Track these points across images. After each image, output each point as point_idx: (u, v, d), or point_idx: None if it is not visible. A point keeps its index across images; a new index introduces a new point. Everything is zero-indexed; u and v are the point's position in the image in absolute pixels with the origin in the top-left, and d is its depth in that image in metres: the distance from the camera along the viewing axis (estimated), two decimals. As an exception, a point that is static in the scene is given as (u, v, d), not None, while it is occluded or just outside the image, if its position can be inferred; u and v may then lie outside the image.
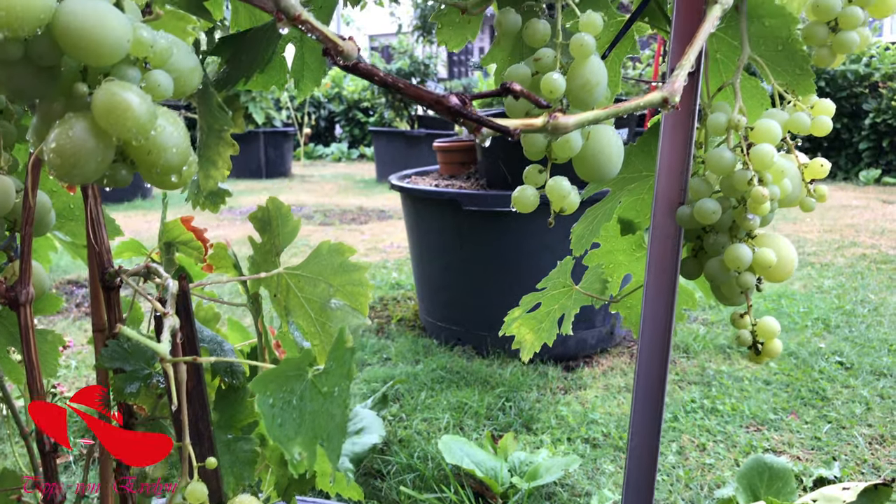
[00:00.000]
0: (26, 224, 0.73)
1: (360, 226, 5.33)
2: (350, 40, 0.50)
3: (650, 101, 0.56)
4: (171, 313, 0.57)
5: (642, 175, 0.77)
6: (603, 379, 2.36)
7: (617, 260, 0.85)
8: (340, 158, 10.62)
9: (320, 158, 10.82)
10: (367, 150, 10.65)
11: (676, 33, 0.69)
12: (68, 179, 0.50)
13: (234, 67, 0.75)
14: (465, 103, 0.53)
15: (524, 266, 2.43)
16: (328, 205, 6.28)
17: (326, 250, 0.72)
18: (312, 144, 11.20)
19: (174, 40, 0.55)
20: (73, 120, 0.49)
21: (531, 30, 0.66)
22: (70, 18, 0.46)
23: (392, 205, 6.18)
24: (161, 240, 0.86)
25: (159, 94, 0.52)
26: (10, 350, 1.02)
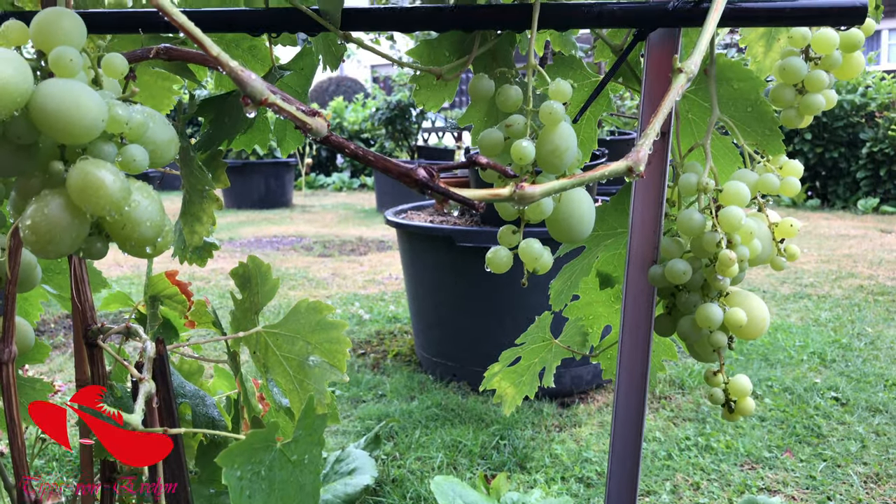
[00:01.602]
0: (10, 283, 0.74)
1: (360, 257, 5.34)
2: (318, 117, 0.52)
3: (615, 171, 0.57)
4: (147, 378, 0.58)
5: (617, 232, 0.78)
6: (598, 416, 2.35)
7: (597, 312, 0.86)
8: (342, 188, 10.67)
9: (322, 188, 10.87)
10: (368, 180, 10.70)
11: (646, 95, 0.70)
12: (44, 255, 0.51)
13: (217, 128, 0.77)
14: (433, 176, 0.54)
15: (519, 303, 2.44)
16: (328, 235, 6.31)
17: (304, 308, 0.73)
18: (314, 174, 11.26)
19: (150, 113, 0.56)
20: (49, 197, 0.50)
21: (503, 96, 0.67)
22: (46, 101, 0.48)
23: (392, 235, 6.20)
24: (146, 293, 0.87)
25: (134, 169, 0.53)
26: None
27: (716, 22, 0.62)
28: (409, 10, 0.70)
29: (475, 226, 2.58)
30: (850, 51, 0.71)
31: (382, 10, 0.71)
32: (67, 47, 0.50)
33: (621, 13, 0.67)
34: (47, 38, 0.50)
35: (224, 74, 0.84)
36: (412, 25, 0.70)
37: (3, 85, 0.46)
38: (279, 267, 4.79)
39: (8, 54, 0.48)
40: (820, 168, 7.43)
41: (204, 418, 0.77)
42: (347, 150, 0.54)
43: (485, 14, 0.69)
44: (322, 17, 0.70)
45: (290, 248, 5.69)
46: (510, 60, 0.74)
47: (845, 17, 0.64)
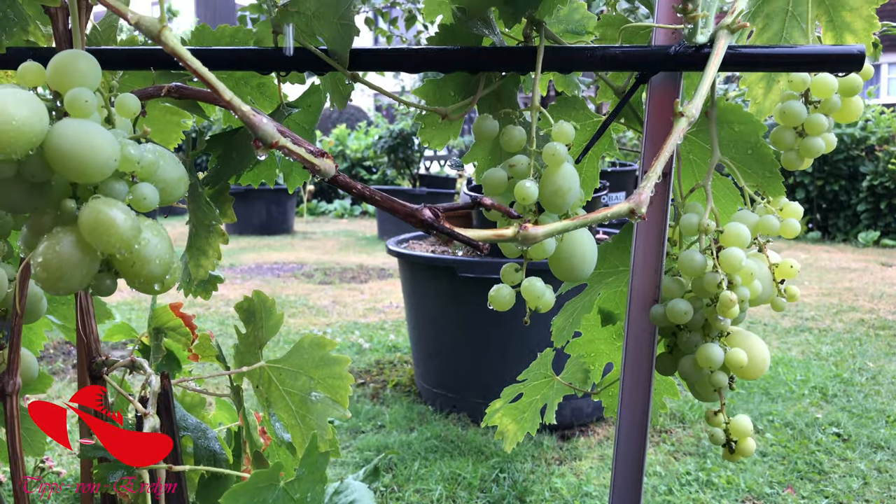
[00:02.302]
0: (17, 316, 0.75)
1: (360, 284, 5.34)
2: (327, 158, 0.53)
3: (618, 212, 0.58)
4: (152, 413, 0.59)
5: (619, 270, 0.79)
6: (598, 449, 2.34)
7: (598, 349, 0.86)
8: (343, 215, 10.70)
9: (323, 214, 10.91)
10: (369, 208, 10.73)
11: (648, 136, 0.71)
12: (54, 291, 0.52)
13: (225, 164, 0.78)
14: (438, 217, 0.55)
15: (520, 335, 2.44)
16: (329, 262, 6.31)
17: (308, 344, 0.74)
18: (315, 201, 11.30)
19: (161, 152, 0.57)
20: (61, 235, 0.51)
21: (507, 136, 0.68)
22: (61, 141, 0.49)
23: (392, 263, 6.20)
24: (150, 325, 0.88)
25: (145, 207, 0.54)
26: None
27: (716, 67, 0.63)
28: (416, 51, 0.72)
29: (477, 256, 2.59)
30: (850, 95, 0.72)
31: (390, 51, 0.72)
32: (83, 89, 0.51)
33: (624, 57, 0.69)
34: (63, 80, 0.51)
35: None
36: (419, 67, 0.72)
37: (19, 126, 0.47)
38: (280, 294, 4.79)
39: (25, 95, 0.49)
40: (820, 200, 7.46)
41: (205, 452, 0.77)
42: (355, 190, 0.55)
43: (490, 56, 0.70)
44: (331, 57, 0.71)
45: (290, 275, 5.70)
46: (514, 101, 0.75)
47: (843, 63, 0.66)
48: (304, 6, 0.72)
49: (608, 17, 0.76)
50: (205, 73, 0.46)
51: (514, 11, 0.66)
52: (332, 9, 0.69)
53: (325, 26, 0.71)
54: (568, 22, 0.80)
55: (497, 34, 0.73)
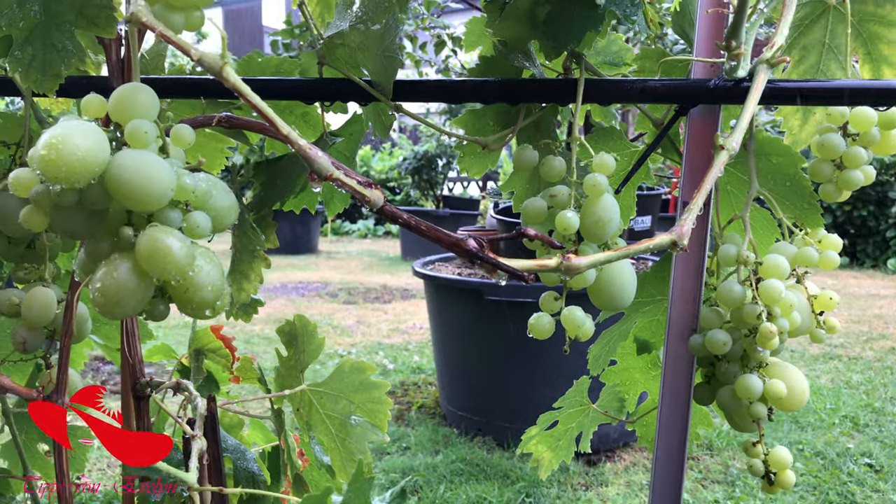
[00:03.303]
0: (65, 336, 0.77)
1: (384, 305, 5.36)
2: (375, 189, 0.54)
3: (660, 244, 0.58)
4: (200, 435, 0.60)
5: (656, 299, 0.79)
6: (625, 475, 2.32)
7: (633, 378, 0.86)
8: (366, 235, 10.76)
9: (347, 234, 10.97)
10: (392, 228, 10.78)
11: (687, 167, 0.72)
12: (110, 316, 0.53)
13: (269, 190, 0.79)
14: (482, 246, 0.56)
15: (546, 359, 2.44)
16: (353, 282, 6.34)
17: (348, 368, 0.75)
18: (339, 220, 11.37)
19: (213, 181, 0.59)
20: (118, 261, 0.52)
21: (547, 166, 0.69)
22: (122, 171, 0.51)
23: (416, 284, 6.22)
24: (191, 346, 0.89)
25: (198, 235, 0.56)
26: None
27: (756, 101, 0.64)
28: (458, 83, 0.73)
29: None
30: (889, 128, 0.72)
31: (432, 82, 0.74)
32: (142, 120, 0.53)
33: (663, 90, 0.70)
34: (124, 112, 0.53)
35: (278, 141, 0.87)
36: (460, 98, 0.73)
37: (84, 156, 0.49)
38: (304, 313, 4.80)
39: (89, 127, 0.51)
40: (848, 226, 7.37)
41: (245, 473, 0.78)
42: (401, 220, 0.57)
43: (531, 88, 0.72)
44: (374, 88, 0.73)
45: (315, 295, 5.73)
46: (553, 132, 0.76)
47: (883, 98, 0.66)
48: (349, 38, 0.74)
49: (647, 49, 0.77)
50: (263, 108, 0.48)
51: (555, 45, 0.67)
52: (377, 41, 0.71)
53: (369, 58, 0.73)
54: (606, 54, 0.82)
55: (537, 66, 0.74)
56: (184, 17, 0.53)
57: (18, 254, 0.86)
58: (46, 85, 0.69)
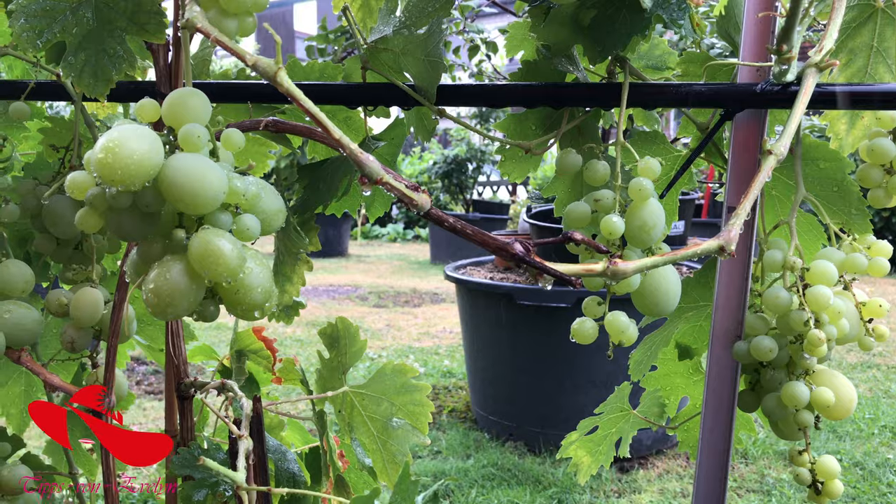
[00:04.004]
0: (113, 336, 0.78)
1: (414, 308, 5.37)
2: (422, 192, 0.54)
3: (707, 249, 0.58)
4: (246, 436, 0.61)
5: (699, 304, 0.79)
6: (658, 482, 2.30)
7: (674, 383, 0.86)
8: (396, 238, 10.79)
9: (376, 238, 11.01)
10: (422, 231, 10.80)
11: (732, 172, 0.71)
12: (162, 316, 0.54)
13: (312, 193, 0.80)
14: (529, 251, 0.56)
15: (577, 364, 2.42)
16: (383, 286, 6.37)
17: (390, 370, 0.75)
18: (369, 224, 11.42)
19: (262, 184, 0.60)
20: (171, 263, 0.53)
21: (591, 171, 0.69)
22: (176, 174, 0.51)
23: (445, 288, 6.22)
24: (233, 347, 0.90)
25: (248, 237, 0.57)
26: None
27: (805, 105, 0.63)
28: (501, 87, 0.74)
29: (536, 284, 2.58)
30: (940, 132, 0.71)
31: (475, 87, 0.74)
32: (195, 124, 0.54)
33: (709, 94, 0.69)
34: (177, 116, 0.54)
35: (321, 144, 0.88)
36: (504, 102, 0.73)
37: (139, 159, 0.50)
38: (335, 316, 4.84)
39: (143, 131, 0.52)
40: (887, 233, 7.24)
41: (286, 474, 0.79)
42: (447, 224, 0.57)
43: (576, 92, 0.72)
44: (417, 92, 0.73)
45: (345, 298, 5.76)
46: (596, 136, 0.76)
47: (936, 101, 0.65)
48: (393, 43, 0.74)
49: (691, 53, 0.77)
50: (316, 113, 0.49)
51: (602, 49, 0.67)
52: (420, 47, 0.72)
53: (413, 63, 0.73)
54: (648, 58, 0.81)
55: (581, 70, 0.74)
56: (237, 23, 0.54)
57: (66, 255, 0.88)
58: (99, 89, 0.70)
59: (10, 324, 0.75)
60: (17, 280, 0.78)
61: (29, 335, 0.77)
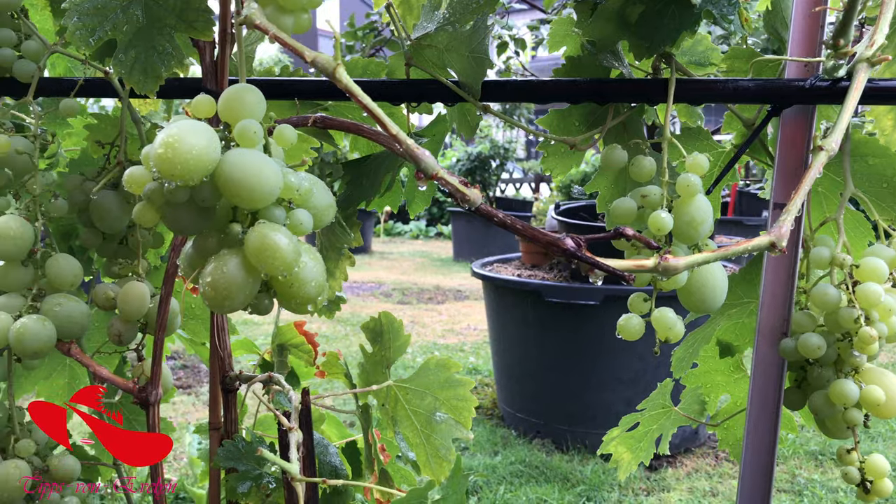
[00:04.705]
0: (160, 329, 0.79)
1: (438, 305, 5.38)
2: (475, 188, 0.55)
3: (758, 245, 0.58)
4: (296, 428, 0.61)
5: (743, 301, 0.78)
6: (687, 481, 2.29)
7: (715, 380, 0.85)
8: (418, 236, 10.80)
9: (399, 235, 11.03)
10: (444, 229, 10.80)
11: (780, 170, 0.71)
12: (219, 309, 0.55)
13: (355, 189, 0.81)
14: (580, 246, 0.57)
15: (605, 362, 2.42)
16: (406, 283, 6.38)
17: (434, 365, 0.76)
18: (392, 221, 11.45)
19: (314, 180, 0.61)
20: (227, 256, 0.54)
21: (637, 166, 0.69)
22: (233, 169, 0.52)
23: (469, 285, 6.22)
24: (274, 342, 0.91)
25: (301, 232, 0.57)
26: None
27: (856, 101, 0.63)
28: (545, 82, 0.74)
29: (564, 281, 2.58)
30: None
31: (519, 82, 0.74)
32: (251, 120, 0.55)
33: (757, 90, 0.69)
34: (233, 112, 0.55)
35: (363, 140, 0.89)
36: (549, 97, 0.74)
37: (198, 154, 0.51)
38: (359, 313, 4.87)
39: (201, 126, 0.53)
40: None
41: (328, 467, 0.80)
42: (496, 219, 0.57)
43: (620, 88, 0.72)
44: (462, 88, 0.74)
45: (369, 294, 5.78)
46: (641, 132, 0.76)
47: None
48: (437, 40, 0.75)
49: (737, 49, 0.76)
50: (374, 109, 0.49)
51: (649, 45, 0.67)
52: (465, 43, 0.72)
53: (457, 59, 0.73)
54: (692, 53, 0.81)
55: (626, 66, 0.74)
56: (293, 19, 0.54)
57: (112, 249, 0.89)
58: (148, 86, 0.71)
59: (60, 316, 0.77)
60: (67, 274, 0.79)
61: (79, 328, 0.79)
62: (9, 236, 0.75)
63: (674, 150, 0.70)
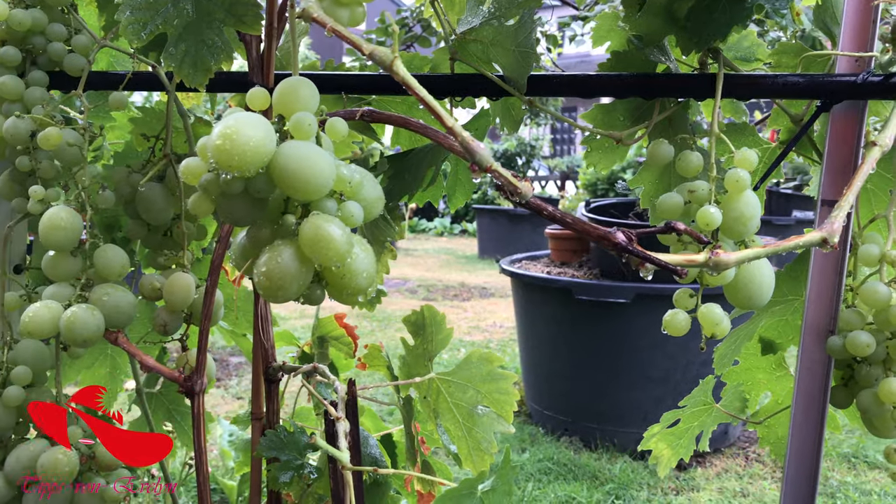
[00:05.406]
0: (205, 319, 0.80)
1: (463, 302, 5.38)
2: (526, 181, 0.55)
3: (809, 241, 0.57)
4: (343, 418, 0.62)
5: (787, 299, 0.78)
6: (717, 481, 2.27)
7: (756, 378, 0.85)
8: (443, 233, 10.82)
9: (423, 232, 11.06)
10: (468, 226, 10.80)
11: (829, 167, 0.70)
12: (273, 299, 0.56)
13: (397, 183, 0.81)
14: (632, 240, 0.56)
15: (633, 361, 2.40)
16: (431, 280, 6.39)
17: (476, 359, 0.76)
18: (416, 218, 11.47)
19: (364, 173, 0.61)
20: (282, 247, 0.55)
21: (684, 161, 0.69)
22: (288, 161, 0.53)
23: (494, 282, 6.22)
24: (314, 334, 0.92)
25: (352, 223, 0.58)
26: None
27: (910, 96, 0.62)
28: (591, 76, 0.74)
29: (594, 279, 2.57)
30: None
31: (565, 77, 0.74)
32: (306, 113, 0.55)
33: (806, 85, 0.68)
34: (288, 105, 0.56)
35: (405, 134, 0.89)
36: (594, 92, 0.73)
37: (255, 146, 0.52)
38: (385, 309, 4.88)
39: (258, 119, 0.53)
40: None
41: (368, 458, 0.80)
42: (546, 213, 0.57)
43: (667, 82, 0.71)
44: (507, 83, 0.74)
45: (395, 291, 5.80)
46: (687, 127, 0.76)
47: None
48: (482, 34, 0.75)
49: (785, 44, 0.76)
50: (430, 101, 0.49)
51: (698, 40, 0.66)
52: (511, 37, 0.72)
53: (502, 53, 0.74)
54: (737, 49, 0.81)
55: (672, 61, 0.73)
56: (349, 13, 0.55)
57: (157, 241, 0.90)
58: (198, 79, 0.72)
59: (108, 306, 0.78)
60: (115, 264, 0.81)
61: (126, 317, 0.80)
62: (59, 227, 0.76)
63: (721, 146, 0.70)
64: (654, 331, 2.32)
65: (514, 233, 7.73)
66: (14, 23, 0.80)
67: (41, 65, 0.85)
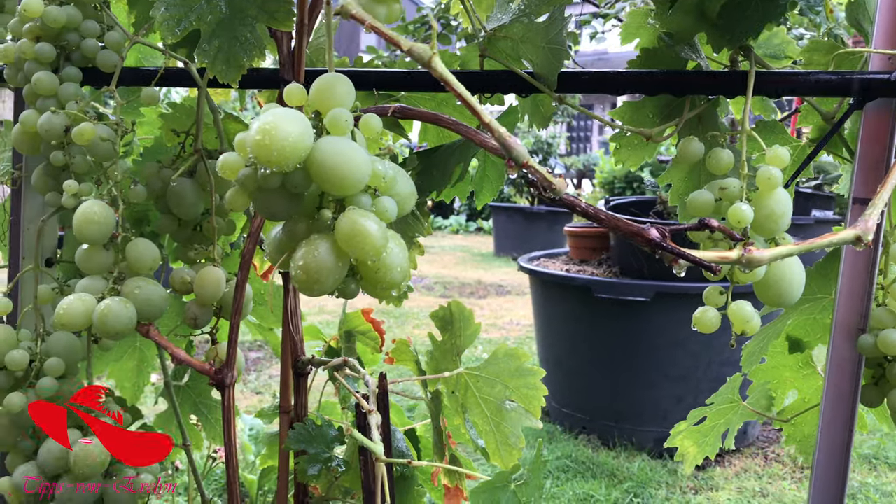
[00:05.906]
0: (235, 313, 0.81)
1: (479, 300, 5.39)
2: (560, 178, 0.55)
3: (843, 239, 0.57)
4: (375, 410, 0.63)
5: (816, 297, 0.78)
6: (736, 481, 2.26)
7: (783, 376, 0.85)
8: (458, 230, 10.81)
9: (439, 230, 11.05)
10: (484, 224, 10.79)
11: (861, 164, 0.70)
12: (309, 293, 0.56)
13: (425, 179, 0.82)
14: (665, 236, 0.57)
15: (652, 360, 2.40)
16: (448, 277, 6.40)
17: (503, 354, 0.76)
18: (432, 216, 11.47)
19: (397, 169, 0.62)
20: (318, 241, 0.56)
21: (715, 159, 0.69)
22: (325, 157, 0.53)
23: (510, 280, 6.22)
24: (341, 328, 0.93)
25: (386, 218, 0.58)
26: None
27: (945, 94, 0.62)
28: (621, 73, 0.74)
29: (614, 277, 2.57)
30: None
31: (595, 73, 0.75)
32: (342, 109, 0.56)
33: (839, 82, 0.68)
34: (324, 101, 0.56)
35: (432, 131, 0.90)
36: (624, 88, 0.74)
37: (294, 142, 0.52)
38: (403, 305, 4.90)
39: (295, 114, 0.54)
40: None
41: (396, 452, 0.81)
42: (579, 209, 0.58)
43: (698, 80, 0.71)
44: (537, 79, 0.74)
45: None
46: (717, 124, 0.76)
47: None
48: (512, 31, 0.75)
49: (816, 41, 0.75)
50: (468, 97, 0.50)
51: (731, 38, 0.66)
52: (541, 34, 0.72)
53: (532, 50, 0.74)
54: (767, 46, 0.80)
55: (703, 58, 0.73)
56: (386, 9, 0.55)
57: (186, 235, 0.91)
58: (231, 75, 0.73)
59: (140, 299, 0.79)
60: (146, 258, 0.82)
61: (157, 310, 0.81)
62: (93, 220, 0.77)
63: (752, 143, 0.69)
64: (674, 329, 2.32)
65: (531, 231, 7.71)
66: (49, 20, 0.81)
67: (75, 61, 0.86)
